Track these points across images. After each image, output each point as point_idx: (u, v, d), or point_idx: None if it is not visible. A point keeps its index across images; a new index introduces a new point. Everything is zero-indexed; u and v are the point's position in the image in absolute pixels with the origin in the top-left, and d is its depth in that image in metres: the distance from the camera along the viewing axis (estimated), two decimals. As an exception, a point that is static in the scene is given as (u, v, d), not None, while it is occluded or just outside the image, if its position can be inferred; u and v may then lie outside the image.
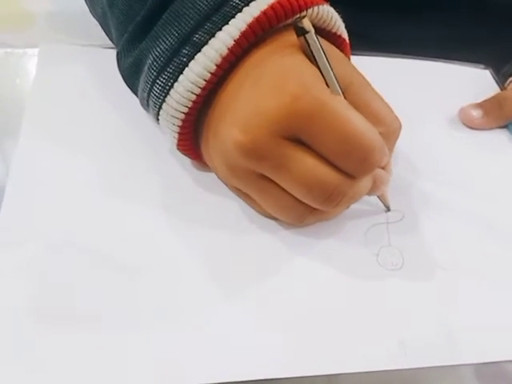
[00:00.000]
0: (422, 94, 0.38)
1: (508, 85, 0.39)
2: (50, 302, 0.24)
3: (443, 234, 0.30)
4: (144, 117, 0.31)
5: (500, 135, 0.36)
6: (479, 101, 0.37)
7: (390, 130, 0.27)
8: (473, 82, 0.40)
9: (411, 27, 0.43)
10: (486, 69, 0.41)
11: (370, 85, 0.27)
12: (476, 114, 0.36)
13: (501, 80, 0.40)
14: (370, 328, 0.26)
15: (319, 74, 0.24)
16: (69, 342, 0.23)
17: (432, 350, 0.25)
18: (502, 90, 0.39)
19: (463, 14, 0.43)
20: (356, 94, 0.26)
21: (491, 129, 0.36)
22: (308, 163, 0.24)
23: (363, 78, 0.27)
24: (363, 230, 0.29)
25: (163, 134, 0.31)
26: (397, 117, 0.27)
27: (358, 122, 0.24)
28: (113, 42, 0.31)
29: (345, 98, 0.25)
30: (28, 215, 0.27)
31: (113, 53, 0.30)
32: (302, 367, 0.24)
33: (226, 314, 0.25)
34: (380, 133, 0.24)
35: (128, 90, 0.29)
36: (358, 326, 0.26)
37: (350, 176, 0.25)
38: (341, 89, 0.25)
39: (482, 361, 0.25)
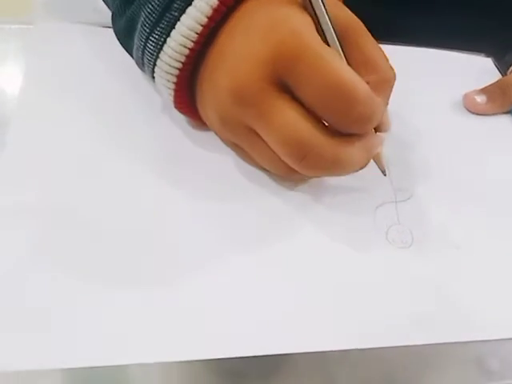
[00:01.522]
0: (424, 81, 0.38)
1: (511, 72, 0.39)
2: (44, 259, 0.24)
3: (451, 212, 0.30)
4: (142, 94, 0.31)
5: (503, 120, 0.37)
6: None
7: (383, 78, 0.26)
8: (475, 69, 0.40)
9: (414, 16, 0.43)
10: (487, 57, 0.41)
11: (366, 31, 0.27)
12: (480, 99, 0.36)
13: (503, 68, 0.40)
14: (380, 305, 0.25)
15: (311, 22, 0.24)
16: (68, 301, 0.23)
17: (443, 326, 0.25)
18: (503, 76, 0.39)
19: (467, 3, 0.43)
20: (351, 38, 0.25)
21: (494, 114, 0.37)
22: (289, 118, 0.24)
23: (360, 23, 0.27)
24: (371, 208, 0.29)
25: (161, 95, 0.30)
26: (392, 67, 0.27)
27: (343, 69, 0.23)
28: (108, 6, 0.31)
29: (340, 43, 0.25)
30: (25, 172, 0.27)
31: (108, 31, 0.29)
32: (310, 343, 0.23)
33: (226, 288, 0.24)
34: (374, 81, 0.24)
35: (124, 67, 0.29)
36: (368, 304, 0.25)
37: (334, 138, 0.24)
38: (336, 34, 0.24)
39: (493, 337, 0.25)
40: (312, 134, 0.24)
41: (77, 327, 0.22)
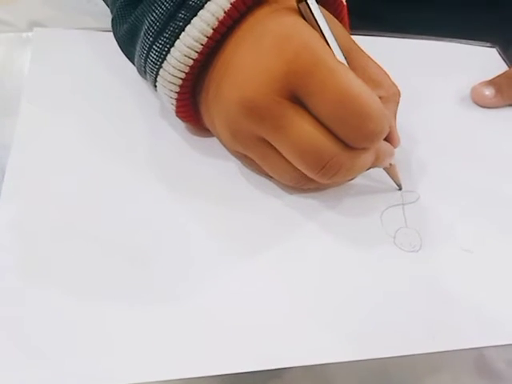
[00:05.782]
0: (428, 73, 0.37)
1: (517, 62, 0.38)
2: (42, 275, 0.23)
3: (460, 213, 0.29)
4: (143, 100, 0.31)
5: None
6: (489, 78, 0.36)
7: (389, 94, 0.26)
8: (480, 60, 0.39)
9: (421, 9, 0.42)
10: (492, 47, 0.40)
11: (366, 53, 0.27)
12: (489, 92, 0.35)
13: (509, 59, 0.39)
14: (391, 311, 0.25)
15: (320, 36, 0.24)
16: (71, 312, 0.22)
17: (455, 331, 0.24)
18: (510, 67, 0.38)
19: None
20: (355, 58, 0.26)
21: (503, 107, 0.36)
22: (306, 129, 0.24)
23: (359, 46, 0.27)
24: (378, 211, 0.28)
25: (162, 103, 0.30)
26: (394, 83, 0.27)
27: (356, 84, 0.23)
28: (108, 6, 0.30)
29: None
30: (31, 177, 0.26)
31: (107, 35, 0.29)
32: (325, 354, 0.23)
33: (231, 299, 0.24)
34: (380, 97, 0.24)
35: (125, 71, 0.29)
36: (379, 310, 0.25)
37: (349, 146, 0.24)
38: (343, 52, 0.24)
39: (506, 342, 0.25)
40: (329, 144, 0.24)
41: (78, 347, 0.22)
